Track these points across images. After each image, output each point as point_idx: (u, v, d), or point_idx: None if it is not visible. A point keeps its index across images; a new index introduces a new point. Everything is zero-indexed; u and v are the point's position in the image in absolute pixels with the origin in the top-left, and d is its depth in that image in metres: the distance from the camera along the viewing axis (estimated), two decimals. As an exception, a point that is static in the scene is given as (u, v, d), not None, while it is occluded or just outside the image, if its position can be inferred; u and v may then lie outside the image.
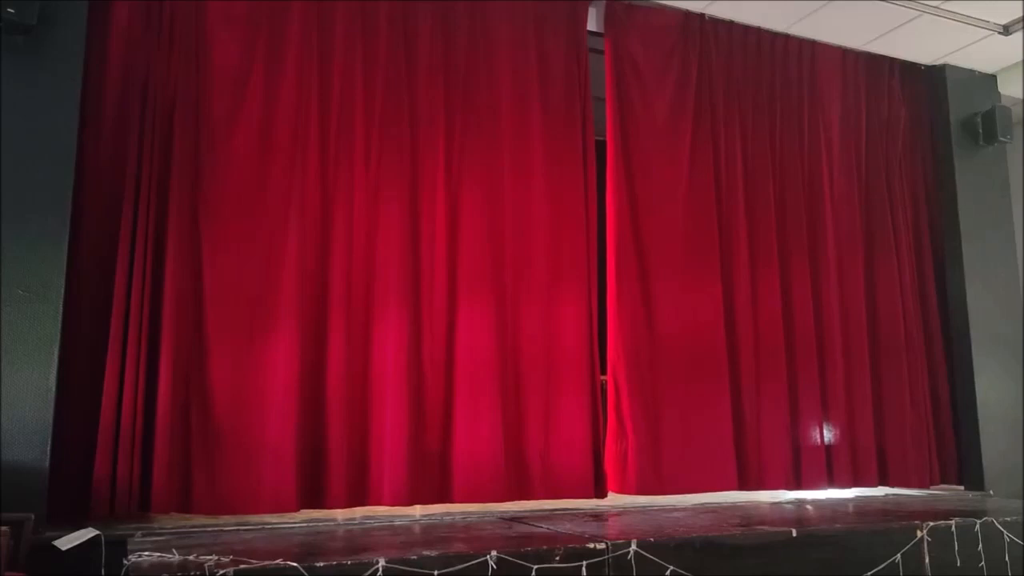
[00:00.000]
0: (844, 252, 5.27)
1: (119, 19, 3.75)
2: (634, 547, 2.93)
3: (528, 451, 4.19)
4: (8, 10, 3.28)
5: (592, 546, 2.89)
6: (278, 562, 2.49)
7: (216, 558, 2.50)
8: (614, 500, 4.36)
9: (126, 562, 2.61)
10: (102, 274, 3.53)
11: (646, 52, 4.87)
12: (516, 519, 3.74)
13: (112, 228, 3.56)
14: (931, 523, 3.52)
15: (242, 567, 2.44)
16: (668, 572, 2.95)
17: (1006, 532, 3.66)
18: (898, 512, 4.05)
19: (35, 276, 3.31)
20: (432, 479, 3.95)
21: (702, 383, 4.63)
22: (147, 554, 2.63)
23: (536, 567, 2.74)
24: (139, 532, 3.17)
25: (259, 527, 3.45)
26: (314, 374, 3.81)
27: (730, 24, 5.14)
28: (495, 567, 2.69)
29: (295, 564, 2.47)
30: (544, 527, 3.46)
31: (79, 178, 3.50)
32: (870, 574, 3.31)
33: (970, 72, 5.74)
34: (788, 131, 5.26)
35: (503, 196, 4.36)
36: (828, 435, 4.97)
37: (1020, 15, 5.05)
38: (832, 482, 4.92)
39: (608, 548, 2.90)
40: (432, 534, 3.36)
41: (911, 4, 4.92)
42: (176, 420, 3.51)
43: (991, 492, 5.12)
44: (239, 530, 3.36)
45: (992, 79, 5.82)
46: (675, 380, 4.57)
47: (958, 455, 5.34)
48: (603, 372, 4.50)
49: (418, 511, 3.92)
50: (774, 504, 4.58)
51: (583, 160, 4.59)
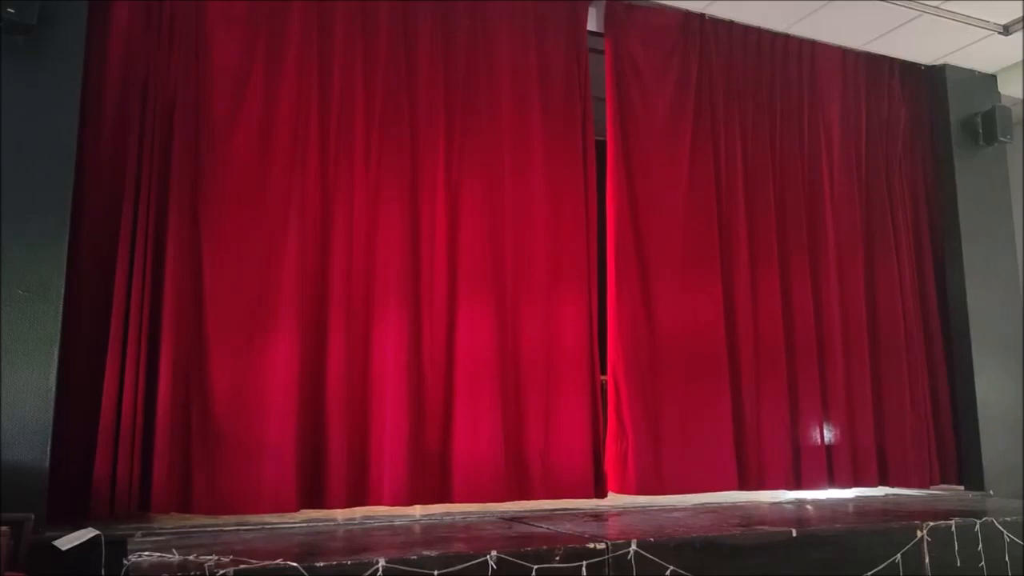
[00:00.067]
0: (844, 252, 5.27)
1: (119, 19, 3.75)
2: (634, 547, 2.93)
3: (528, 451, 4.19)
4: (8, 10, 3.28)
5: (592, 546, 2.89)
6: (278, 562, 2.50)
7: (216, 558, 2.50)
8: (614, 500, 4.36)
9: (126, 562, 2.61)
10: (102, 274, 3.53)
11: (646, 52, 4.87)
12: (516, 519, 3.74)
13: (112, 228, 3.56)
14: (931, 523, 3.52)
15: (242, 567, 2.44)
16: (668, 572, 2.96)
17: (1006, 532, 3.66)
18: (898, 512, 4.05)
19: (35, 276, 3.31)
20: (432, 479, 3.95)
21: (702, 383, 4.63)
22: (147, 554, 2.63)
23: (536, 567, 2.74)
24: (139, 532, 3.17)
25: (259, 527, 3.45)
26: (314, 374, 3.81)
27: (730, 24, 5.14)
28: (495, 567, 2.69)
29: (295, 564, 2.47)
30: (544, 527, 3.46)
31: (79, 178, 3.50)
32: (870, 574, 3.31)
33: (970, 72, 5.74)
34: (788, 131, 5.26)
35: (503, 196, 4.37)
36: (828, 435, 4.97)
37: (1020, 15, 5.05)
38: (832, 482, 4.92)
39: (608, 548, 2.90)
40: (432, 534, 3.36)
41: (911, 4, 4.92)
42: (176, 420, 3.51)
43: (991, 492, 5.12)
44: (239, 530, 3.36)
45: (992, 79, 5.82)
46: (675, 380, 4.57)
47: (958, 455, 5.35)
48: (603, 372, 4.50)
49: (418, 511, 3.92)
50: (774, 504, 4.58)
51: (583, 160, 4.59)
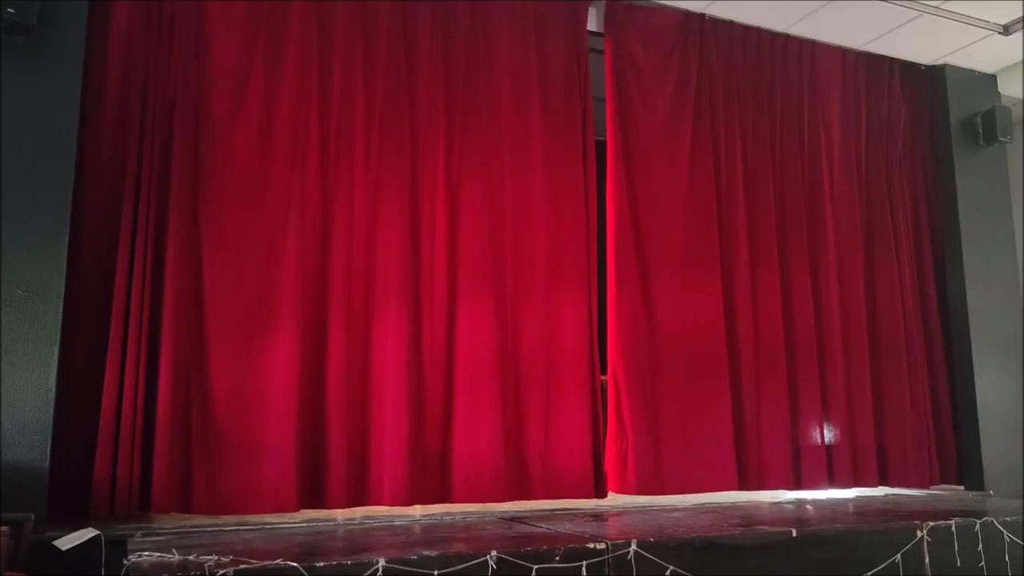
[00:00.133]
0: (844, 252, 5.27)
1: (119, 19, 3.75)
2: (634, 547, 2.93)
3: (528, 451, 4.19)
4: (8, 10, 3.28)
5: (592, 546, 2.89)
6: (278, 562, 2.50)
7: (216, 558, 2.50)
8: (614, 500, 4.36)
9: (126, 562, 2.61)
10: (102, 274, 3.53)
11: (646, 52, 4.87)
12: (516, 519, 3.74)
13: (112, 228, 3.56)
14: (931, 523, 3.52)
15: (242, 567, 2.44)
16: (668, 572, 2.95)
17: (1006, 532, 3.66)
18: (898, 512, 4.05)
19: (35, 276, 3.31)
20: (432, 479, 3.95)
21: (702, 383, 4.63)
22: (147, 554, 2.63)
23: (536, 567, 2.74)
24: (139, 532, 3.17)
25: (259, 527, 3.45)
26: (314, 374, 3.81)
27: (730, 24, 5.14)
28: (495, 567, 2.69)
29: (295, 564, 2.47)
30: (544, 527, 3.45)
31: (79, 178, 3.50)
32: (870, 574, 3.31)
33: (970, 72, 5.74)
34: (788, 131, 5.26)
35: (503, 196, 4.36)
36: (828, 435, 4.97)
37: (1020, 15, 5.05)
38: (832, 482, 4.92)
39: (608, 548, 2.90)
40: (432, 534, 3.36)
41: (911, 4, 4.92)
42: (176, 420, 3.51)
43: (991, 492, 5.12)
44: (239, 530, 3.36)
45: (992, 79, 5.82)
46: (675, 380, 4.57)
47: (958, 455, 5.34)
48: (603, 372, 4.50)
49: (418, 511, 3.92)
50: (774, 504, 4.58)
51: (583, 160, 4.59)
